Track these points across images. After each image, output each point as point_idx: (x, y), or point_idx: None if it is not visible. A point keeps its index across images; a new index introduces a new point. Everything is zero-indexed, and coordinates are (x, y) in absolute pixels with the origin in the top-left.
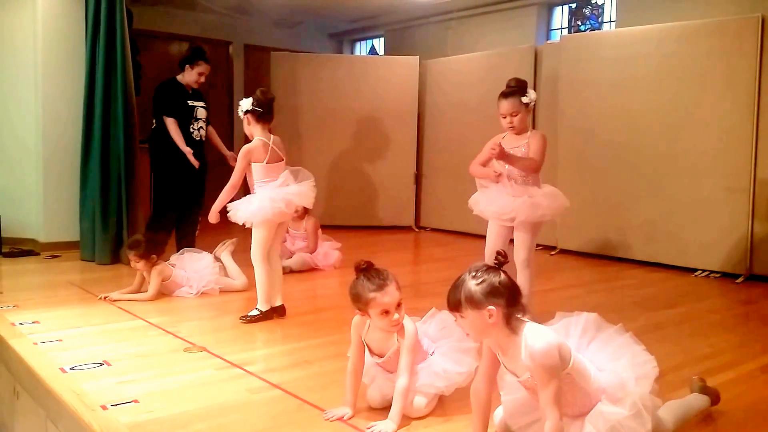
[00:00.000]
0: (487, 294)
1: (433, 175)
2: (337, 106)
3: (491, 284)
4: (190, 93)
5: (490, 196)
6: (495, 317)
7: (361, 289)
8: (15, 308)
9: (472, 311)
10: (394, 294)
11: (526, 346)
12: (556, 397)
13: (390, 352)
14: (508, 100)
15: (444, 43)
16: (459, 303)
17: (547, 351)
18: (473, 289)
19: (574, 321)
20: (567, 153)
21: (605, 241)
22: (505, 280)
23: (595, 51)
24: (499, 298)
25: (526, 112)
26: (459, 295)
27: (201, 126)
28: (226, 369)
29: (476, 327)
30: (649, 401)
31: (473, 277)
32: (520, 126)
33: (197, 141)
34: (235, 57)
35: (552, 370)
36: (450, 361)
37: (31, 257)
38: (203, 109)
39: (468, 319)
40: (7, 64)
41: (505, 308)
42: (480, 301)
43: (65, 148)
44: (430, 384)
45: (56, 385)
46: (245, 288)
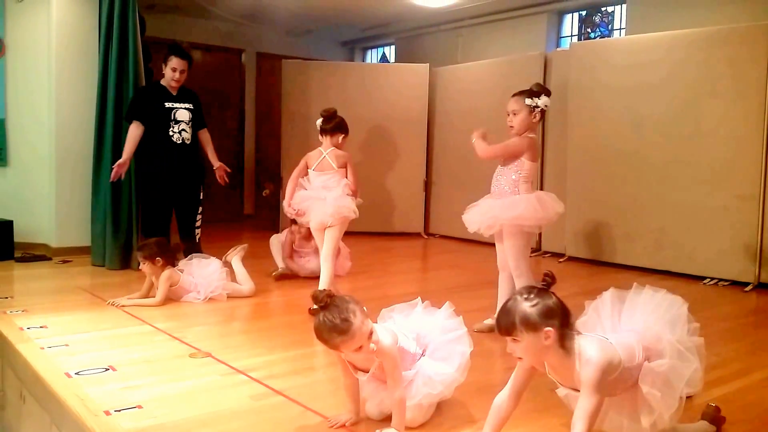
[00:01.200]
0: (542, 315)
1: (443, 182)
2: (348, 113)
3: (546, 305)
4: (174, 95)
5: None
6: (551, 339)
7: (328, 335)
8: (24, 313)
9: (527, 334)
10: (363, 330)
11: (582, 358)
12: (593, 411)
13: (373, 368)
14: (513, 98)
15: (454, 50)
16: (513, 326)
17: (600, 366)
18: (529, 311)
19: (600, 304)
20: (576, 160)
21: (614, 248)
22: (557, 301)
23: (605, 58)
24: (554, 319)
25: (528, 114)
26: (513, 317)
27: (183, 129)
28: (230, 375)
29: (532, 350)
30: (689, 341)
31: (527, 299)
32: (519, 126)
33: (178, 144)
34: (248, 65)
35: (598, 384)
36: (440, 362)
37: (43, 262)
38: (186, 111)
39: (523, 342)
40: (21, 70)
41: (560, 329)
42: (536, 323)
43: (77, 154)
44: (426, 394)
45: (60, 390)
46: (252, 294)
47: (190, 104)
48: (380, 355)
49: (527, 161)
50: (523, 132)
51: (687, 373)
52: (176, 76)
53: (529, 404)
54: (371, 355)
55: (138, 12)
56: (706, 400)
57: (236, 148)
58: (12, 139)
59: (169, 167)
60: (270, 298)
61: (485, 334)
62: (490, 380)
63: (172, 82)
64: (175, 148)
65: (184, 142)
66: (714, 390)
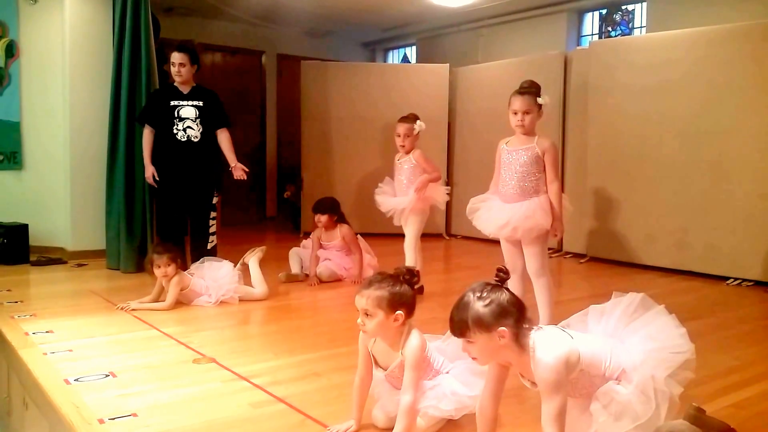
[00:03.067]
0: (495, 315)
1: (464, 182)
2: (367, 114)
3: (499, 304)
4: (184, 93)
5: (487, 210)
6: (506, 338)
7: (374, 285)
8: (32, 317)
9: (481, 335)
10: (360, 299)
11: (534, 359)
12: (558, 413)
13: (393, 365)
14: (523, 97)
15: (475, 50)
16: (466, 327)
17: (553, 366)
18: (481, 311)
19: (624, 300)
20: (596, 159)
21: (635, 249)
22: (511, 297)
23: (625, 56)
24: (508, 318)
25: (537, 113)
26: (466, 318)
27: (189, 126)
28: (232, 382)
29: (486, 351)
30: (664, 386)
31: (479, 298)
32: (530, 126)
33: (183, 142)
34: (268, 66)
35: (556, 385)
36: (460, 384)
37: (59, 266)
38: (192, 108)
39: (477, 343)
40: (36, 73)
41: (514, 327)
42: (490, 324)
43: (92, 158)
44: (434, 406)
45: (56, 397)
46: (265, 297)
47: (200, 101)
48: (406, 351)
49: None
50: (532, 131)
51: (641, 416)
52: (176, 70)
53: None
54: (397, 342)
55: (152, 14)
56: (725, 405)
57: (257, 150)
58: (27, 142)
59: (175, 166)
60: (282, 302)
61: None
62: None
63: (176, 77)
64: (179, 146)
65: (190, 140)
66: (732, 395)
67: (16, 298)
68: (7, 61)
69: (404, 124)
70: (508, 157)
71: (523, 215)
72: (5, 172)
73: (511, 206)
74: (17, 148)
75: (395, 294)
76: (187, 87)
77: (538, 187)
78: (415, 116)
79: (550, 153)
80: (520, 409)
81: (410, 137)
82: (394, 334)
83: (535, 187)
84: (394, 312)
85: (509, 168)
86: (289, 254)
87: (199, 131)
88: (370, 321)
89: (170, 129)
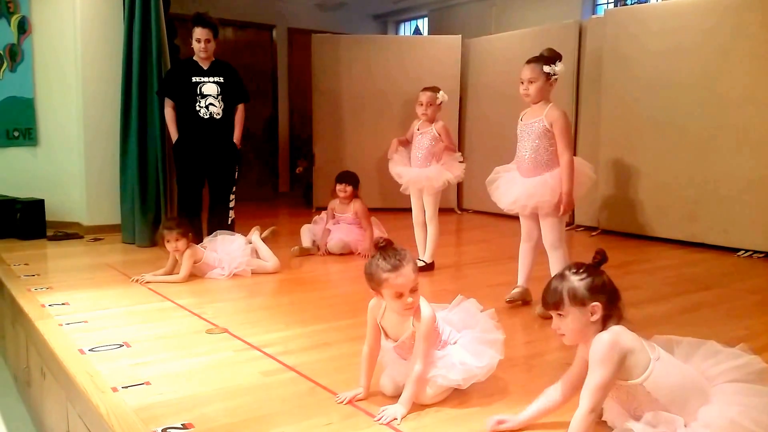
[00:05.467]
0: (592, 291)
1: (475, 156)
2: (379, 87)
3: (595, 282)
4: (205, 69)
5: (505, 183)
6: (597, 315)
7: (375, 269)
8: (48, 290)
9: (574, 308)
10: (409, 276)
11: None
12: (599, 389)
13: (404, 337)
14: (529, 66)
15: (488, 21)
16: (560, 300)
17: (608, 341)
18: (577, 284)
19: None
20: (609, 130)
21: (647, 221)
22: (607, 279)
23: (640, 24)
24: (602, 297)
25: (545, 82)
26: (561, 290)
27: (211, 103)
28: (244, 351)
29: (576, 326)
30: None
31: (575, 273)
32: (536, 95)
33: (205, 119)
34: (279, 41)
35: (605, 359)
36: (469, 354)
37: (75, 240)
38: (214, 85)
39: (568, 317)
40: (48, 49)
41: (607, 308)
42: (584, 298)
43: (106, 133)
44: (443, 375)
45: (72, 367)
46: (277, 270)
47: (220, 77)
48: (417, 317)
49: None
50: (539, 101)
51: None
52: (201, 46)
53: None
54: (407, 313)
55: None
56: None
57: (269, 126)
58: (41, 118)
59: (197, 142)
60: (294, 275)
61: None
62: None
63: (201, 53)
64: (202, 123)
65: (212, 117)
66: None
67: (33, 271)
68: (20, 37)
69: (427, 93)
70: (522, 129)
71: (530, 192)
72: (20, 148)
73: (522, 182)
74: (32, 124)
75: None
76: (207, 62)
77: (550, 162)
78: (437, 87)
79: (558, 123)
80: (528, 377)
81: (433, 106)
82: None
83: (547, 161)
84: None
85: (522, 142)
86: (301, 230)
87: (221, 108)
88: (410, 297)
89: (192, 106)
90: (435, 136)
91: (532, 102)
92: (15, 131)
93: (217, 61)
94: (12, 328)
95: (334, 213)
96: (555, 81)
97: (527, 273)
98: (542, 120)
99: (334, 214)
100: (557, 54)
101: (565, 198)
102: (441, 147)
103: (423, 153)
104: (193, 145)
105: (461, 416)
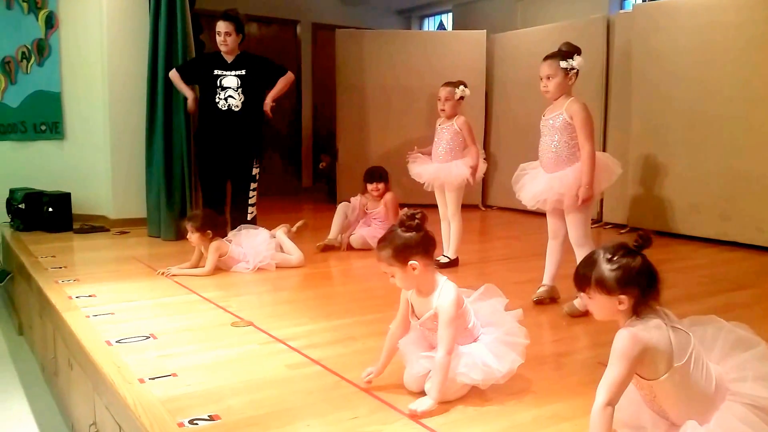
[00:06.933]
0: (621, 282)
1: (501, 152)
2: (403, 83)
3: (628, 271)
4: (228, 63)
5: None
6: (625, 305)
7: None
8: (75, 282)
9: (601, 296)
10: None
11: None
12: (615, 384)
13: (426, 316)
14: (546, 62)
15: (514, 16)
16: (587, 284)
17: (630, 337)
18: (606, 274)
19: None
20: (639, 127)
21: (678, 219)
22: (643, 266)
23: (670, 19)
24: (633, 288)
25: (564, 77)
26: (589, 275)
27: (230, 95)
28: (269, 344)
29: (603, 311)
30: None
31: (608, 260)
32: (555, 91)
33: (224, 111)
34: (303, 36)
35: (623, 357)
36: (492, 355)
37: (101, 233)
38: (234, 78)
39: (595, 301)
40: (75, 44)
41: (637, 297)
42: (612, 288)
43: (132, 126)
44: (465, 374)
45: (99, 358)
46: (301, 264)
47: (242, 71)
48: (439, 305)
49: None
50: (558, 96)
51: None
52: (221, 39)
53: (574, 377)
54: (429, 291)
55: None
56: None
57: (293, 121)
58: (68, 112)
59: (217, 134)
60: (318, 269)
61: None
62: (538, 351)
63: (222, 46)
64: (220, 115)
65: (230, 109)
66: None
67: (60, 263)
68: (47, 32)
69: (446, 88)
70: (544, 124)
71: (549, 187)
72: (48, 142)
73: (544, 178)
74: (59, 118)
75: (399, 246)
76: (231, 56)
77: (573, 155)
78: (460, 81)
79: (578, 116)
80: (557, 375)
81: (450, 101)
82: (424, 283)
83: (569, 155)
84: (407, 263)
85: (545, 136)
86: (337, 209)
87: (241, 101)
88: (395, 279)
89: (212, 98)
90: (456, 131)
91: (552, 98)
92: (42, 125)
93: (242, 54)
94: (39, 319)
95: (366, 210)
96: (575, 75)
97: (554, 271)
98: (562, 114)
99: (365, 211)
100: (575, 48)
101: (583, 189)
102: (476, 161)
103: (444, 148)
104: (212, 137)
105: (489, 413)
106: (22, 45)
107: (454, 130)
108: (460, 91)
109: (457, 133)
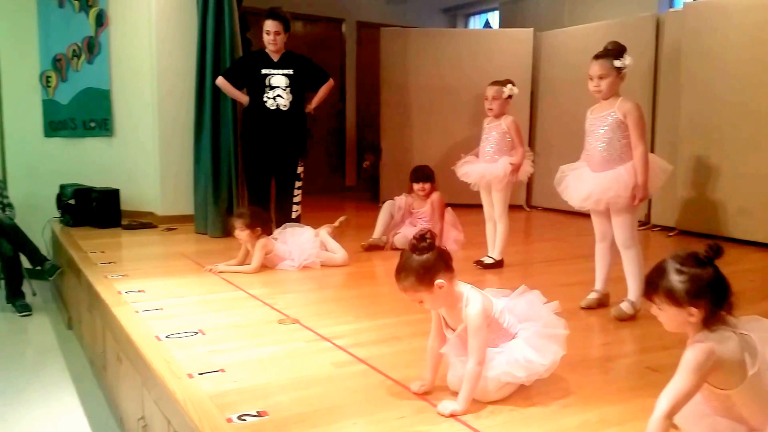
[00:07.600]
0: (689, 293)
1: (547, 152)
2: (448, 82)
3: (697, 283)
4: (275, 61)
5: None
6: (695, 317)
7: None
8: (124, 277)
9: (670, 307)
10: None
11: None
12: (680, 396)
13: (459, 329)
14: (598, 62)
15: (561, 13)
16: (655, 294)
17: (702, 349)
18: (675, 285)
19: None
20: (689, 127)
21: (728, 222)
22: (713, 277)
23: (721, 18)
24: (703, 299)
25: (617, 77)
26: (657, 285)
27: (279, 95)
28: (315, 342)
29: (672, 322)
30: None
31: (677, 272)
32: (608, 91)
33: (272, 111)
34: (348, 34)
35: (694, 369)
36: (531, 349)
37: (149, 230)
38: (283, 77)
39: (665, 312)
40: (124, 41)
41: (708, 309)
42: (681, 300)
43: (180, 124)
44: (507, 372)
45: (148, 353)
46: (346, 263)
47: (290, 70)
48: (467, 318)
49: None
50: (610, 96)
51: None
52: (270, 38)
53: (621, 382)
54: (457, 307)
55: None
56: None
57: (337, 120)
58: (117, 109)
59: (264, 133)
60: (362, 268)
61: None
62: (585, 355)
63: (270, 45)
64: (269, 114)
65: (279, 108)
66: None
67: (109, 259)
68: (97, 29)
69: (493, 87)
70: (591, 124)
71: (605, 187)
72: (97, 138)
73: (595, 177)
74: (108, 115)
75: (420, 271)
76: (278, 55)
77: (623, 155)
78: (508, 80)
79: (631, 115)
80: (604, 379)
81: (498, 100)
82: (450, 300)
83: (619, 155)
84: (434, 283)
85: (593, 136)
86: (382, 208)
87: (289, 100)
88: (425, 304)
89: (260, 97)
90: (504, 131)
91: (604, 98)
92: (92, 122)
93: (287, 53)
94: (88, 313)
95: (411, 210)
96: (625, 75)
97: (605, 275)
98: (615, 112)
99: (411, 210)
100: (623, 46)
101: (640, 189)
102: (521, 159)
103: (492, 148)
104: (260, 136)
105: (535, 416)
106: (73, 43)
107: (502, 130)
108: (508, 89)
109: (504, 132)
